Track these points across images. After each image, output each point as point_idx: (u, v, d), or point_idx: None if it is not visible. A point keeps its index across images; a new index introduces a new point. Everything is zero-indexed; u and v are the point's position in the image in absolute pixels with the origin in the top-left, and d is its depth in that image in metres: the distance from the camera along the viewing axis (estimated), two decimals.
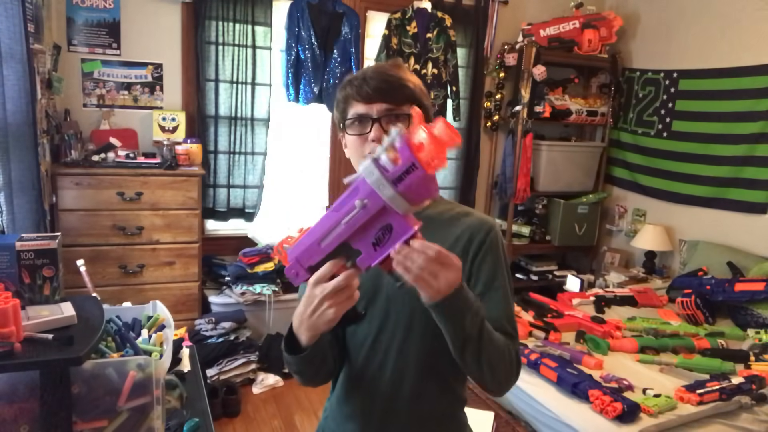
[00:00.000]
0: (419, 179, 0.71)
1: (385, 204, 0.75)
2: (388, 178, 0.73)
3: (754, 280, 2.88)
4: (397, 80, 1.01)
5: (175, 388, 1.44)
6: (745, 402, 2.09)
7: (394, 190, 0.73)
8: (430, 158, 0.71)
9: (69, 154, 2.77)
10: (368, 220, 0.77)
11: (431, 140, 0.71)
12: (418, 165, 0.71)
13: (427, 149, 0.71)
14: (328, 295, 0.82)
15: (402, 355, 1.05)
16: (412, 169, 0.71)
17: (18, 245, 1.21)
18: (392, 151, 0.73)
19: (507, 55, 3.92)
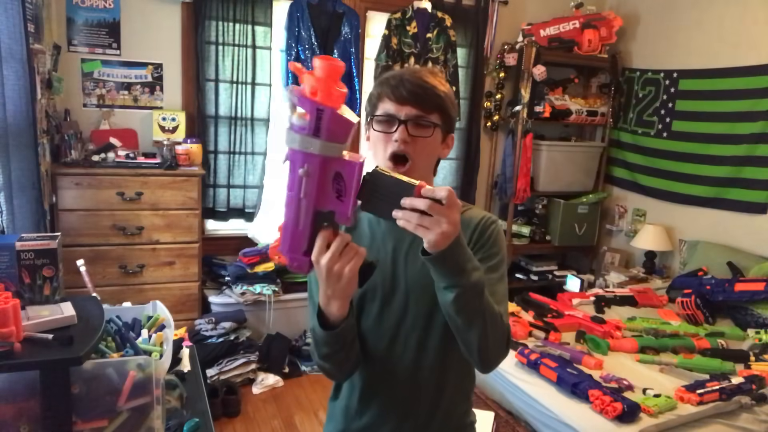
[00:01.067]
0: (332, 118, 0.75)
1: (321, 158, 0.77)
2: (308, 135, 0.76)
3: (754, 280, 2.88)
4: (431, 88, 1.05)
5: (175, 388, 1.44)
6: (745, 402, 2.09)
7: (319, 141, 0.76)
8: (327, 95, 0.74)
9: (69, 154, 2.77)
10: (319, 181, 0.79)
11: (318, 80, 0.75)
12: (323, 107, 0.74)
13: (321, 89, 0.75)
14: (334, 259, 0.84)
15: (422, 350, 1.07)
16: (321, 114, 0.75)
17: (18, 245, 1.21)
18: (296, 111, 0.77)
19: (507, 55, 3.92)
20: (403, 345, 1.08)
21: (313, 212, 0.81)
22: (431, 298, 1.00)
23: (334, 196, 0.80)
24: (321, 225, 0.83)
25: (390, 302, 1.04)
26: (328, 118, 0.74)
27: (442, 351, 1.07)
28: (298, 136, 0.77)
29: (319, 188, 0.80)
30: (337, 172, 0.79)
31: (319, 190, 0.80)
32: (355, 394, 1.13)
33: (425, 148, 1.05)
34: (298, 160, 0.79)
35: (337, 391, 1.19)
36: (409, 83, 1.03)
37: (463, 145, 3.99)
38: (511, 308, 2.94)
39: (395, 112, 1.03)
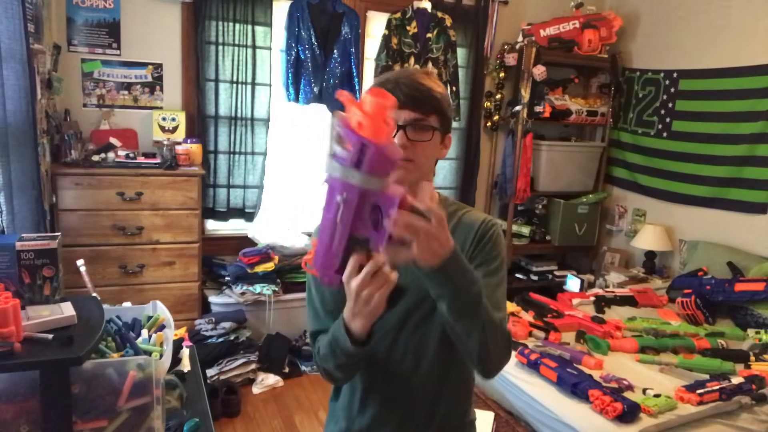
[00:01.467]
0: (375, 153, 0.74)
1: (360, 189, 0.77)
2: (350, 166, 0.76)
3: (754, 280, 2.88)
4: (427, 90, 1.04)
5: (175, 388, 1.44)
6: (745, 402, 2.09)
7: (360, 174, 0.76)
8: (374, 131, 0.74)
9: (69, 154, 2.77)
10: (356, 209, 0.79)
11: (367, 115, 0.75)
12: (367, 142, 0.74)
13: (367, 124, 0.74)
14: (364, 283, 0.84)
15: (422, 352, 1.08)
16: (364, 149, 0.74)
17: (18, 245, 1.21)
18: (341, 141, 0.77)
19: (507, 55, 3.92)
20: (404, 347, 1.09)
21: (348, 236, 0.82)
22: (433, 301, 1.00)
23: (371, 225, 0.80)
24: (354, 248, 0.84)
25: (391, 304, 1.02)
26: (372, 154, 0.74)
27: (443, 353, 1.08)
28: (339, 165, 0.77)
29: (355, 216, 0.80)
30: (375, 204, 0.79)
31: (355, 218, 0.80)
32: (356, 394, 1.14)
33: (425, 151, 1.05)
34: (337, 187, 0.79)
35: (337, 392, 1.20)
36: (406, 87, 1.03)
37: (463, 145, 3.99)
38: (511, 308, 2.94)
39: (396, 116, 1.02)
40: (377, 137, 0.74)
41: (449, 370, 1.11)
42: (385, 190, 0.79)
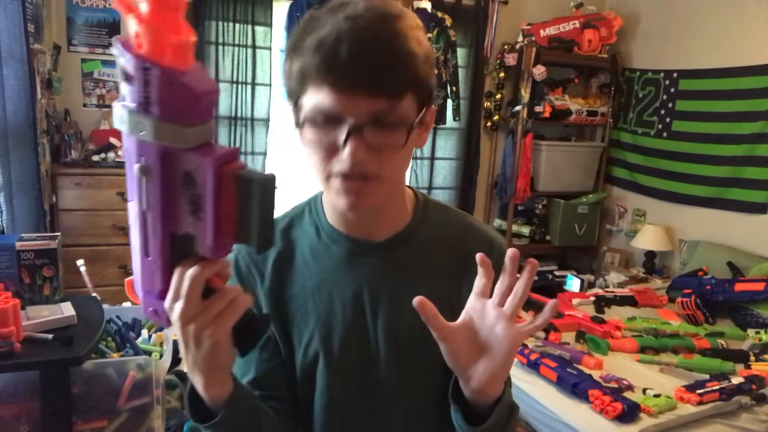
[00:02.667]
0: (164, 81, 0.47)
1: (159, 148, 0.49)
2: (138, 110, 0.48)
3: (754, 280, 2.88)
4: (392, 47, 0.61)
5: (175, 388, 1.44)
6: (745, 402, 2.09)
7: (152, 120, 0.48)
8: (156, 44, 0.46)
9: (69, 154, 2.77)
10: (163, 185, 0.51)
11: (143, 22, 0.46)
12: (149, 63, 0.47)
13: (147, 35, 0.46)
14: (186, 314, 0.53)
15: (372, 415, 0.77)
16: (148, 75, 0.47)
17: (18, 245, 1.21)
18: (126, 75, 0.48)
19: (507, 55, 3.92)
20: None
21: (164, 234, 0.53)
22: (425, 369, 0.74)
23: (189, 210, 0.51)
24: (180, 254, 0.54)
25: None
26: (159, 81, 0.47)
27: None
28: (126, 113, 0.49)
29: (165, 196, 0.51)
30: (187, 173, 0.50)
31: (169, 204, 0.51)
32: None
33: (395, 160, 0.67)
34: (132, 150, 0.51)
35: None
36: (358, 50, 0.59)
37: (463, 145, 3.99)
38: None
39: (339, 109, 0.62)
40: (162, 54, 0.47)
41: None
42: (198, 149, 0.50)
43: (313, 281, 0.76)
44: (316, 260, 0.77)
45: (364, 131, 0.62)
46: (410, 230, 0.78)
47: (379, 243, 0.76)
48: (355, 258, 0.75)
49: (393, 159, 0.66)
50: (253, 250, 0.59)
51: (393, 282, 0.75)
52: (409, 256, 0.76)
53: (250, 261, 0.78)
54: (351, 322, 0.74)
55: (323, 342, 0.75)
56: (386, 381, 0.75)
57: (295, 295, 0.77)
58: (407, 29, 0.64)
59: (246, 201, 0.50)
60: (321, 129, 0.64)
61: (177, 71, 0.47)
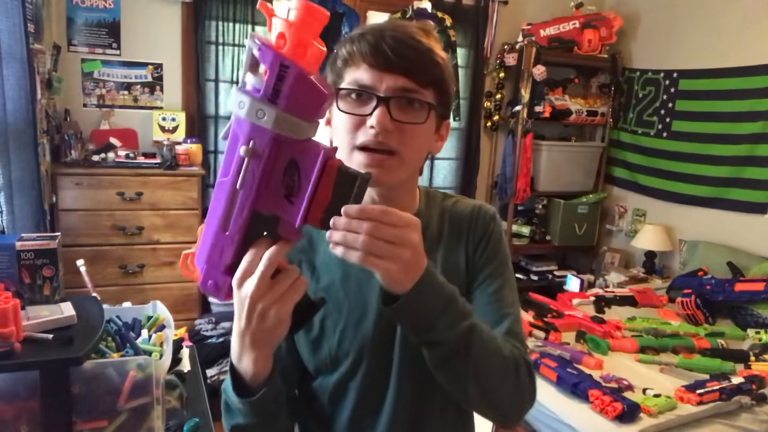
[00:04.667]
0: (298, 80, 0.54)
1: (274, 135, 0.55)
2: (263, 99, 0.54)
3: (754, 280, 2.88)
4: (427, 51, 0.73)
5: (175, 388, 1.43)
6: (745, 402, 2.09)
7: (275, 110, 0.54)
8: (298, 48, 0.54)
9: (69, 154, 2.77)
10: (265, 168, 0.56)
11: (291, 26, 0.54)
12: (288, 62, 0.53)
13: (292, 39, 0.54)
14: (260, 289, 0.58)
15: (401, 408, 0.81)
16: (284, 72, 0.53)
17: (18, 245, 1.21)
18: (255, 66, 0.56)
19: (507, 55, 3.92)
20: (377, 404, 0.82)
21: (250, 212, 0.58)
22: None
23: (283, 194, 0.57)
24: (258, 233, 0.59)
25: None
26: (294, 79, 0.53)
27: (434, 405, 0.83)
28: (248, 98, 0.55)
29: (264, 181, 0.57)
30: (292, 160, 0.56)
31: (264, 184, 0.57)
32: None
33: (415, 139, 0.74)
34: (242, 133, 0.56)
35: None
36: (394, 40, 0.71)
37: (463, 145, 3.99)
38: None
39: (371, 82, 0.72)
40: (304, 59, 0.54)
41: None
42: (310, 141, 0.57)
43: (340, 272, 0.82)
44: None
45: (390, 103, 0.71)
46: (420, 215, 0.84)
47: None
48: None
49: (412, 138, 0.74)
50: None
51: None
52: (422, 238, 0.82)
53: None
54: (377, 304, 0.78)
55: (353, 327, 0.80)
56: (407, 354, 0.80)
57: (327, 286, 0.82)
58: (437, 46, 0.76)
59: (342, 193, 0.57)
60: (354, 102, 0.73)
61: (310, 73, 0.55)
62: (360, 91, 0.72)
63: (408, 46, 0.71)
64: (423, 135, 0.76)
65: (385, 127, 0.70)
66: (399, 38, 0.72)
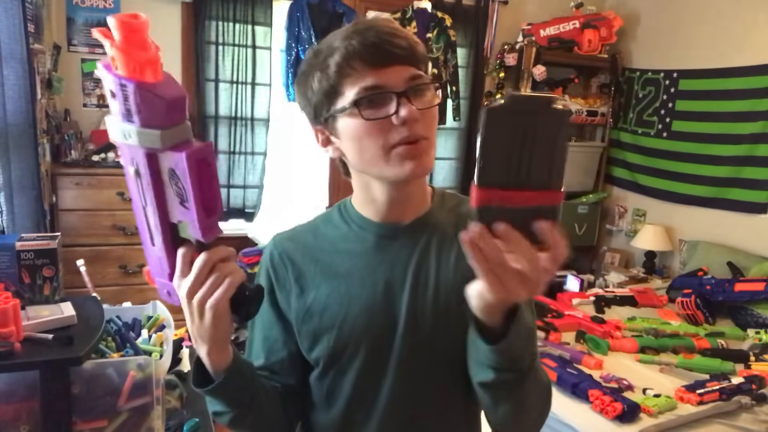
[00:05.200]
0: (136, 93, 0.56)
1: (144, 151, 0.58)
2: (122, 120, 0.58)
3: (754, 280, 2.88)
4: (409, 35, 0.76)
5: (175, 388, 1.44)
6: (745, 402, 2.09)
7: (135, 128, 0.57)
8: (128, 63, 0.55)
9: (69, 154, 2.77)
10: (153, 183, 0.60)
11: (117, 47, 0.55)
12: (125, 80, 0.56)
13: (119, 58, 0.55)
14: (191, 289, 0.63)
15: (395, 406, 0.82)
16: (125, 90, 0.56)
17: (18, 245, 1.21)
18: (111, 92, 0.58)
19: (507, 55, 3.92)
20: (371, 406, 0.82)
21: (164, 225, 0.62)
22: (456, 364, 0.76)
23: (178, 202, 0.60)
24: (181, 239, 0.63)
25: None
26: (133, 94, 0.56)
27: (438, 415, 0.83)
28: (117, 124, 0.59)
29: (157, 193, 0.60)
30: (170, 169, 0.59)
31: (161, 197, 0.61)
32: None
33: (433, 121, 0.77)
34: (126, 156, 0.61)
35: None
36: (379, 35, 0.72)
37: (463, 145, 3.98)
38: None
39: (382, 81, 0.72)
40: (133, 70, 0.56)
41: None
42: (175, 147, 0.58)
43: (344, 267, 0.83)
44: (347, 249, 0.84)
45: (408, 94, 0.72)
46: (432, 213, 0.85)
47: (405, 225, 0.83)
48: (382, 242, 0.82)
49: (432, 120, 0.76)
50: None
51: (418, 258, 0.81)
52: (432, 236, 0.82)
53: (284, 252, 0.87)
54: (380, 300, 0.80)
55: (353, 320, 0.81)
56: (406, 352, 0.80)
57: (328, 281, 0.83)
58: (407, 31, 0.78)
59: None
60: (370, 107, 0.72)
61: (148, 84, 0.56)
62: (376, 94, 0.72)
63: (396, 36, 0.73)
64: (436, 115, 0.78)
65: (416, 118, 0.72)
66: (383, 32, 0.72)
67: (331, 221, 0.89)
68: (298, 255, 0.86)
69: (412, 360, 0.80)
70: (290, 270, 0.85)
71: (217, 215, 0.61)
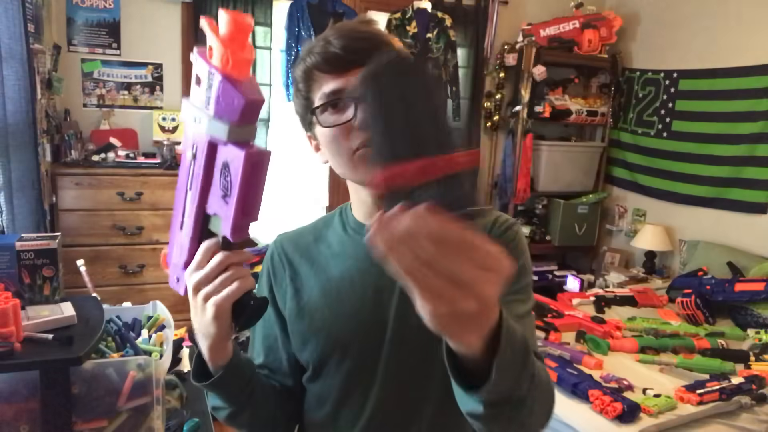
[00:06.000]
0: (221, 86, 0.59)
1: (208, 139, 0.61)
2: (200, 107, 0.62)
3: (754, 280, 2.88)
4: (375, 36, 0.74)
5: (175, 388, 1.44)
6: (745, 402, 2.09)
7: (208, 116, 0.60)
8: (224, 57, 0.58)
9: (69, 154, 2.78)
10: (205, 171, 0.62)
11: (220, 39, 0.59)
12: (213, 69, 0.59)
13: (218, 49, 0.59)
14: (202, 281, 0.62)
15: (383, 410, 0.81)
16: (212, 79, 0.60)
17: (18, 245, 1.21)
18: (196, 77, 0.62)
19: (507, 55, 3.91)
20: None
21: (199, 213, 0.63)
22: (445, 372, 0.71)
23: (221, 194, 0.61)
24: (209, 232, 0.64)
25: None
26: (218, 84, 0.59)
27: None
28: (191, 108, 0.63)
29: (205, 181, 0.62)
30: (225, 163, 0.60)
31: (205, 182, 0.62)
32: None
33: None
34: (188, 139, 0.64)
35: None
36: (340, 39, 0.72)
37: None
38: None
39: (340, 87, 0.72)
40: (226, 64, 0.58)
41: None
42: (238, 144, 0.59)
43: (338, 270, 0.83)
44: (343, 253, 0.84)
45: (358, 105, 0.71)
46: None
47: None
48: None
49: None
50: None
51: None
52: None
53: (283, 252, 0.88)
54: (369, 305, 0.80)
55: (342, 324, 0.81)
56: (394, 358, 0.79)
57: (321, 283, 0.83)
58: (384, 31, 0.78)
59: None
60: (332, 113, 0.73)
61: (234, 80, 0.58)
62: (333, 101, 0.73)
63: (355, 39, 0.72)
64: None
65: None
66: (344, 36, 0.73)
67: (331, 224, 0.90)
68: (296, 256, 0.87)
69: (400, 366, 0.79)
70: (287, 270, 0.86)
71: (252, 220, 0.62)
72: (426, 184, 0.43)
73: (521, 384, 0.55)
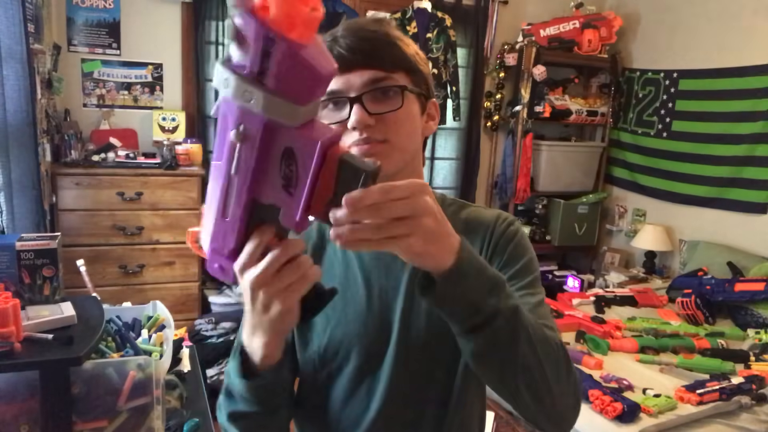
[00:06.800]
0: (287, 56, 0.45)
1: (264, 121, 0.48)
2: (248, 78, 0.47)
3: (754, 280, 2.88)
4: (383, 36, 0.73)
5: (175, 388, 1.44)
6: (745, 402, 2.09)
7: (263, 92, 0.47)
8: (287, 16, 0.44)
9: (69, 154, 2.78)
10: (259, 156, 0.50)
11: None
12: (274, 34, 0.44)
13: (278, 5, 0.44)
14: (264, 277, 0.55)
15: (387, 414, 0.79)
16: (270, 46, 0.45)
17: (18, 245, 1.21)
18: (240, 39, 0.46)
19: (507, 55, 3.92)
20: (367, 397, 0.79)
21: (248, 200, 0.53)
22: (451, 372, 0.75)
23: (281, 184, 0.51)
24: (259, 220, 0.55)
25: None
26: (283, 55, 0.45)
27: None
28: (233, 78, 0.48)
29: (259, 169, 0.51)
30: (289, 149, 0.49)
31: (259, 172, 0.51)
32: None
33: (399, 124, 0.73)
34: (231, 115, 0.50)
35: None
36: (346, 38, 0.71)
37: (463, 145, 3.99)
38: None
39: (340, 86, 0.71)
40: (294, 28, 0.45)
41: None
42: (306, 127, 0.49)
43: (342, 270, 0.82)
44: (347, 254, 0.83)
45: (363, 100, 0.71)
46: None
47: None
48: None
49: (397, 125, 0.72)
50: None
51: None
52: None
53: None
54: (374, 305, 0.79)
55: (346, 324, 0.79)
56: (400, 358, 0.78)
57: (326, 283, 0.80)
58: (395, 31, 0.76)
59: (345, 188, 0.49)
60: (333, 111, 0.73)
61: (302, 47, 0.46)
62: (333, 99, 0.72)
63: (361, 39, 0.71)
64: (407, 119, 0.74)
65: (364, 124, 0.70)
66: (351, 35, 0.72)
67: None
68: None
69: (405, 367, 0.78)
70: None
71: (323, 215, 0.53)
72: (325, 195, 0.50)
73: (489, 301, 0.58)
